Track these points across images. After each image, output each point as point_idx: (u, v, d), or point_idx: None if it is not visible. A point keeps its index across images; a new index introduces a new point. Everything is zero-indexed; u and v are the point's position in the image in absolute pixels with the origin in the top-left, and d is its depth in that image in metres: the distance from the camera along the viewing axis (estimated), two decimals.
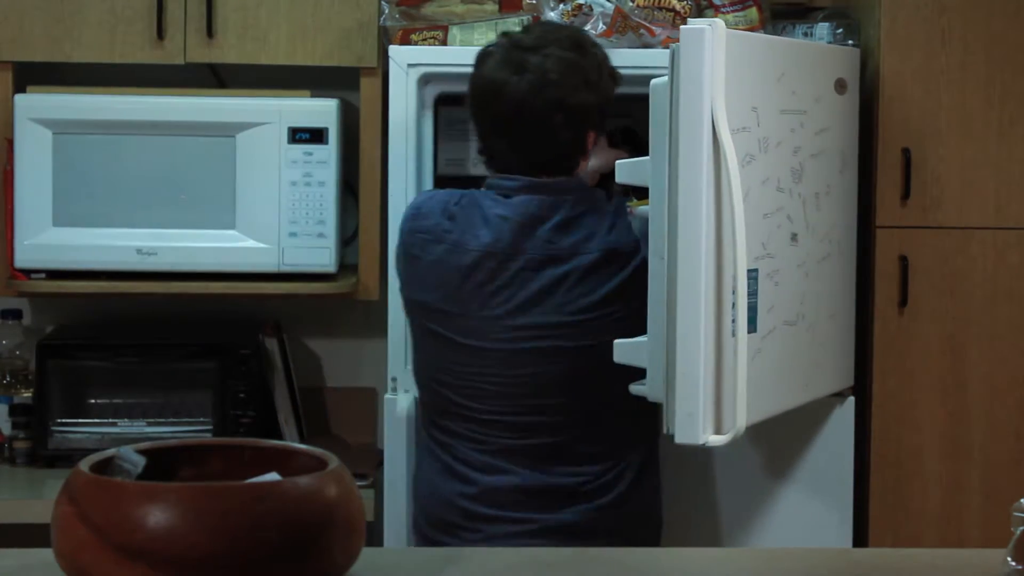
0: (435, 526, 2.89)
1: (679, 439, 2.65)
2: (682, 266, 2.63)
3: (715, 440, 2.65)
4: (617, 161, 2.83)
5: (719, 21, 2.65)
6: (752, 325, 2.75)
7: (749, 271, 2.70)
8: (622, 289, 2.79)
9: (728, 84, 2.65)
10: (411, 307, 2.93)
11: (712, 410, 2.66)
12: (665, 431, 2.68)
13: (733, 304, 2.66)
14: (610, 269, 2.79)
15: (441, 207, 2.87)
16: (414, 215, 2.91)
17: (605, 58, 2.90)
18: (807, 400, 3.10)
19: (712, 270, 2.64)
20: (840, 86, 3.13)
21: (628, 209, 2.85)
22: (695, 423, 2.63)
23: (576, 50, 2.84)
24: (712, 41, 2.62)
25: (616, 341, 2.75)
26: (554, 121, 2.80)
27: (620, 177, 2.80)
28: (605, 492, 2.85)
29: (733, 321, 2.66)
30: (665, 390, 2.68)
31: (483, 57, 2.89)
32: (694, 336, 2.63)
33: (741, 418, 2.63)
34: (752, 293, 2.75)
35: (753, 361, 2.75)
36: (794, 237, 2.94)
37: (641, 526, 2.93)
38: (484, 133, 2.90)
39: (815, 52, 3.15)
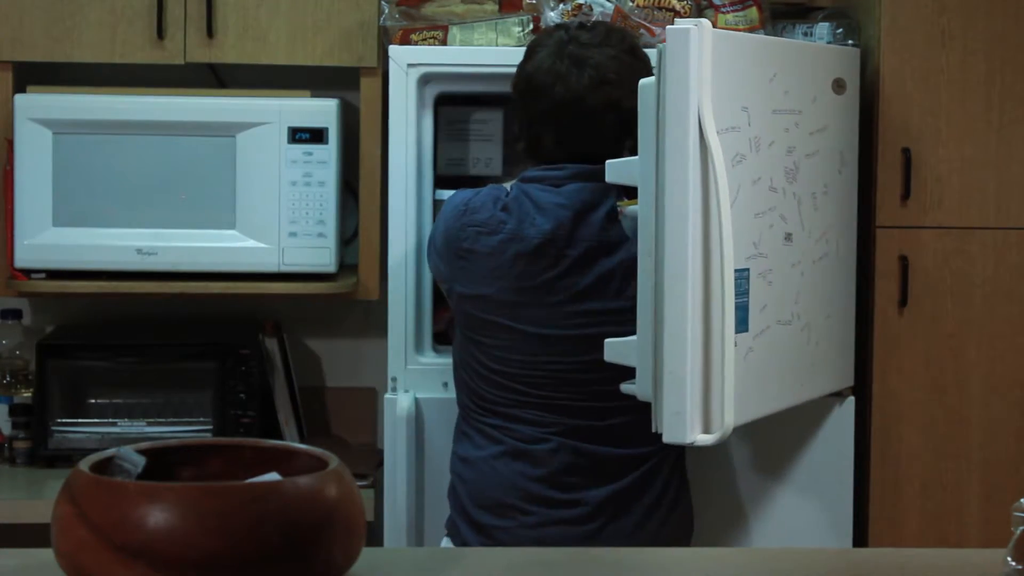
0: (487, 508, 2.89)
1: (667, 438, 2.66)
2: (669, 265, 2.63)
3: (703, 439, 2.66)
4: (607, 161, 2.84)
5: (705, 21, 2.64)
6: (744, 325, 2.76)
7: (739, 271, 2.71)
8: None
9: (716, 84, 2.65)
10: (466, 301, 2.92)
11: (700, 409, 2.66)
12: (653, 430, 2.68)
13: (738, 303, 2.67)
14: None
15: (492, 200, 2.89)
16: (463, 211, 2.91)
17: (651, 66, 2.91)
18: (804, 400, 3.09)
19: (699, 269, 2.64)
20: (838, 86, 3.13)
21: (618, 209, 2.86)
22: (682, 422, 2.64)
23: (632, 54, 2.86)
24: (698, 41, 2.62)
25: (607, 340, 2.76)
26: (606, 120, 2.83)
27: (610, 176, 2.80)
28: (661, 464, 2.92)
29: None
30: (653, 389, 2.68)
31: (537, 47, 2.90)
32: (681, 335, 2.63)
33: (729, 417, 2.63)
34: (743, 293, 2.75)
35: (745, 360, 2.75)
36: (788, 237, 2.94)
37: (684, 497, 3.01)
38: (530, 122, 2.91)
39: (811, 52, 3.14)
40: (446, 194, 3.32)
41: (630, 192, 2.81)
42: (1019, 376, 3.31)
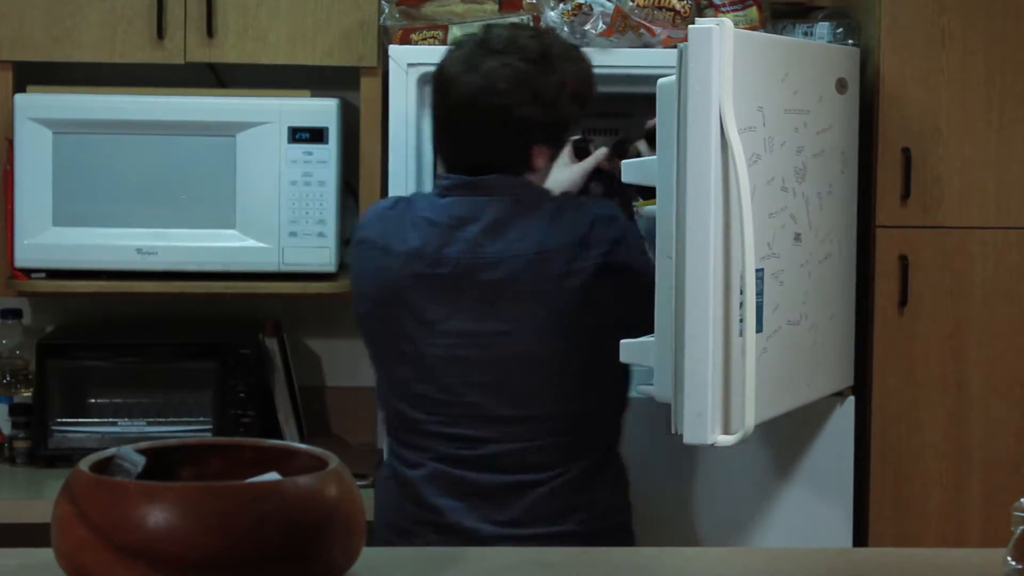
0: (387, 528, 2.85)
1: (688, 439, 2.64)
2: (690, 265, 2.62)
3: (724, 440, 2.65)
4: (623, 161, 2.81)
5: (727, 20, 2.64)
6: (759, 325, 2.75)
7: (756, 271, 2.70)
8: (553, 294, 2.71)
9: (735, 84, 2.64)
10: (357, 321, 2.88)
11: (720, 410, 2.66)
12: (673, 431, 2.67)
13: (741, 304, 2.66)
14: (543, 272, 2.71)
15: (378, 215, 2.84)
16: (358, 227, 2.88)
17: (575, 77, 2.78)
18: (810, 400, 3.09)
19: (720, 270, 2.64)
20: (841, 85, 3.13)
21: (635, 209, 2.83)
22: (704, 423, 2.63)
23: (537, 63, 2.73)
24: (720, 40, 2.62)
25: (623, 341, 2.72)
26: (493, 128, 2.73)
27: (627, 177, 2.79)
28: (558, 494, 2.77)
29: (741, 320, 2.66)
30: (673, 390, 2.68)
31: (453, 48, 2.83)
32: (703, 335, 2.62)
33: (750, 418, 2.63)
34: (759, 293, 2.75)
35: (759, 361, 2.75)
36: (798, 237, 2.94)
37: (607, 528, 2.83)
38: (435, 125, 2.87)
39: (817, 51, 3.15)
40: None
41: (646, 192, 2.79)
42: (1019, 376, 3.31)
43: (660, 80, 2.70)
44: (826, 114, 3.06)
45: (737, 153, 2.60)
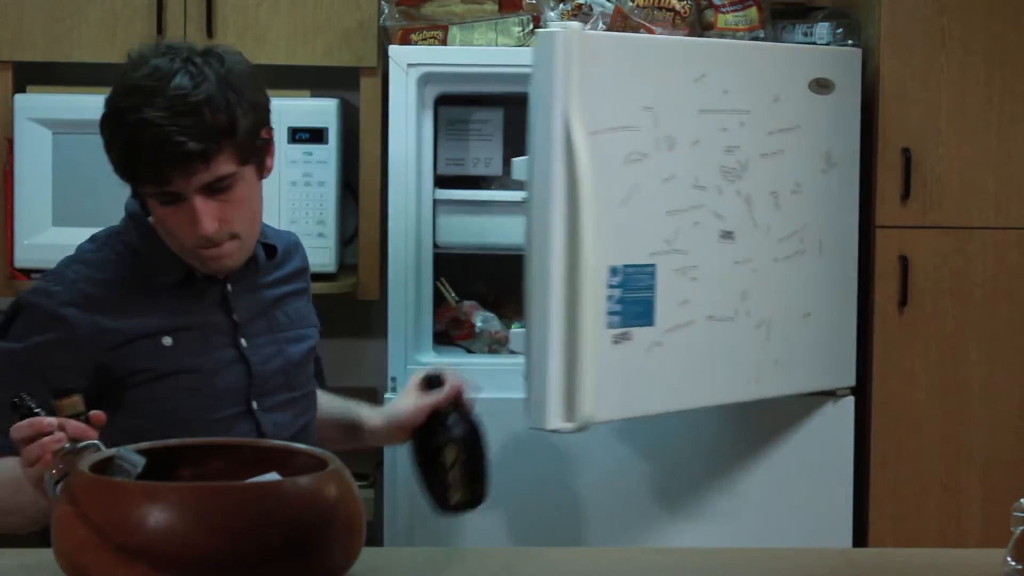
0: None
1: (529, 424, 2.77)
2: (535, 261, 2.73)
3: (563, 427, 2.75)
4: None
5: (574, 24, 2.74)
6: (645, 318, 2.83)
7: (637, 266, 2.79)
8: None
9: (601, 85, 2.71)
10: None
11: (562, 398, 2.73)
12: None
13: (608, 297, 2.75)
14: None
15: None
16: None
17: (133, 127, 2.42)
18: (762, 396, 3.10)
19: (571, 265, 2.70)
20: (819, 86, 3.12)
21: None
22: (542, 409, 2.73)
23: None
24: (564, 46, 2.68)
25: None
26: None
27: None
28: None
29: (609, 313, 2.76)
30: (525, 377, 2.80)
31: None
32: (543, 326, 2.72)
33: (589, 407, 2.71)
34: (646, 288, 2.82)
35: (651, 352, 2.83)
36: (727, 234, 2.96)
37: None
38: None
39: (770, 53, 3.14)
40: (446, 194, 3.33)
41: None
42: (1019, 376, 3.31)
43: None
44: (789, 114, 3.06)
45: (580, 152, 2.65)
